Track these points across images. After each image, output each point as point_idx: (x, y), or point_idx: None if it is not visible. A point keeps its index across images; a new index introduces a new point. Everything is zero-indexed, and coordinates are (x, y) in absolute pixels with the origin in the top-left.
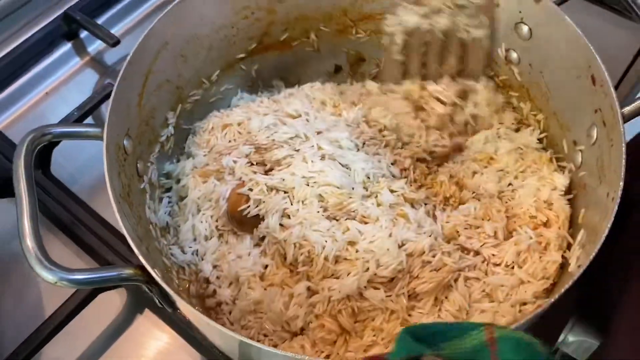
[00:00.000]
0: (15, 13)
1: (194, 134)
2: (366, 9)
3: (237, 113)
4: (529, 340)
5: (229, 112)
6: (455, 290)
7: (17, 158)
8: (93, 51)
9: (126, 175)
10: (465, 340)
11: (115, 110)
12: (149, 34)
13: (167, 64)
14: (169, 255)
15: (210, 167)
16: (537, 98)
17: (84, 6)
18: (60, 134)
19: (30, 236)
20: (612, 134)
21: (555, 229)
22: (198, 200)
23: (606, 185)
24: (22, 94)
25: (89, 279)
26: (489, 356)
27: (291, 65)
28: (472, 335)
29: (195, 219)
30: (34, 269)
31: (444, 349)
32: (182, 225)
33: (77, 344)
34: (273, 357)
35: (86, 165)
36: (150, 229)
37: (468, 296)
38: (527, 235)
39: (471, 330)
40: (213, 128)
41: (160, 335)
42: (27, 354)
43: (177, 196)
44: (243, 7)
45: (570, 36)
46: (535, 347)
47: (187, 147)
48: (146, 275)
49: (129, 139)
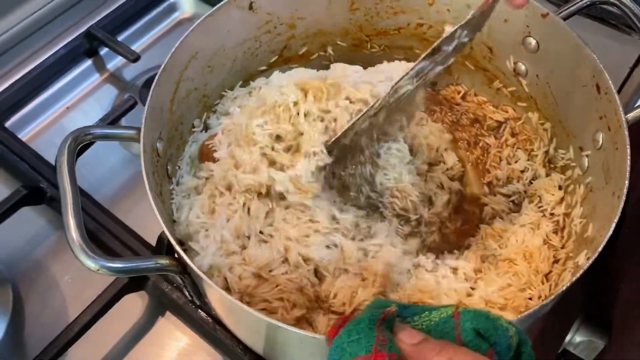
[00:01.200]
0: (40, 31)
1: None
2: (381, 25)
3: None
4: (494, 316)
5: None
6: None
7: (60, 156)
8: (112, 67)
9: (158, 175)
10: (433, 314)
11: (150, 114)
12: (181, 44)
13: (196, 73)
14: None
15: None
16: (545, 108)
17: (106, 24)
18: (100, 134)
19: (74, 228)
20: (617, 138)
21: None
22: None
23: (612, 186)
24: (45, 108)
25: (127, 268)
26: (453, 326)
27: None
28: (441, 310)
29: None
30: (78, 257)
31: (414, 321)
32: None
33: (100, 346)
34: (301, 341)
35: (106, 176)
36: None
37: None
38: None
39: (441, 308)
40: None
41: (182, 337)
42: (53, 355)
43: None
44: (266, 22)
45: (575, 48)
46: (497, 321)
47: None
48: (180, 266)
49: (161, 141)
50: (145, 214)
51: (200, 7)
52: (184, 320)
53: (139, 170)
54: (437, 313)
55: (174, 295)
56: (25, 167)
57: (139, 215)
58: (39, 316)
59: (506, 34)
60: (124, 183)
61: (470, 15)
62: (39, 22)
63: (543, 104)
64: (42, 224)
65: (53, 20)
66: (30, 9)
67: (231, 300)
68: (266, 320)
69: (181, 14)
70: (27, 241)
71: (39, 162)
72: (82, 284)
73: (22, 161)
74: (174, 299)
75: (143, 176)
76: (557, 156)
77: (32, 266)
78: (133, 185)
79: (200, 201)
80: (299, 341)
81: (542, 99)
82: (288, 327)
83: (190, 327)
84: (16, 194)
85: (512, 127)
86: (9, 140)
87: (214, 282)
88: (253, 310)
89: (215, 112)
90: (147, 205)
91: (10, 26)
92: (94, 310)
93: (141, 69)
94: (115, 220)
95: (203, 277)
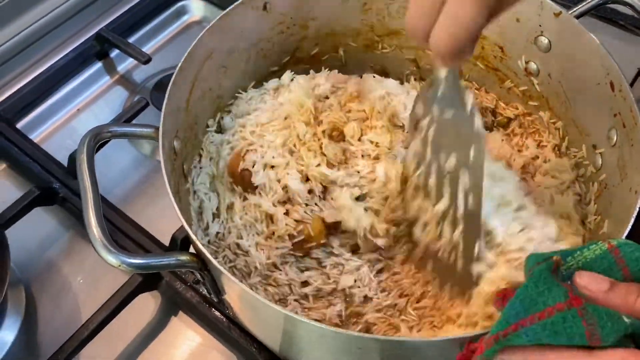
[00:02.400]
0: (50, 34)
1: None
2: (393, 25)
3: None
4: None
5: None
6: None
7: (79, 153)
8: (122, 70)
9: (176, 174)
10: (585, 252)
11: (167, 113)
12: (197, 44)
13: (211, 73)
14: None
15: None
16: (556, 107)
17: (116, 27)
18: (119, 132)
19: (95, 225)
20: (632, 135)
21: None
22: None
23: (628, 182)
24: (56, 110)
25: (148, 264)
26: (614, 261)
27: None
28: (592, 248)
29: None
30: (100, 253)
31: (568, 262)
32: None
33: (113, 346)
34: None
35: (117, 177)
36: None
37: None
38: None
39: (591, 245)
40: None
41: (195, 337)
42: (67, 355)
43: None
44: (279, 22)
45: (588, 46)
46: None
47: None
48: (200, 262)
49: (178, 140)
50: (157, 214)
51: (210, 10)
52: (198, 319)
53: (150, 170)
54: (590, 251)
55: (188, 294)
56: (37, 168)
57: (152, 215)
58: (51, 317)
59: (518, 33)
60: (135, 184)
61: None
62: (50, 25)
63: (555, 103)
64: (54, 224)
65: (63, 23)
66: (40, 12)
67: (252, 295)
68: (287, 314)
69: (190, 17)
70: (40, 242)
71: (51, 163)
72: (94, 285)
73: (34, 162)
74: (187, 298)
75: (163, 174)
76: (570, 154)
77: (45, 267)
78: (144, 185)
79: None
80: (320, 336)
81: (554, 98)
82: (309, 321)
83: (203, 326)
84: (29, 195)
85: (522, 122)
86: (21, 141)
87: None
88: (273, 304)
89: (229, 113)
90: (158, 205)
91: (21, 29)
92: (108, 310)
93: (151, 72)
94: (128, 220)
95: (224, 272)
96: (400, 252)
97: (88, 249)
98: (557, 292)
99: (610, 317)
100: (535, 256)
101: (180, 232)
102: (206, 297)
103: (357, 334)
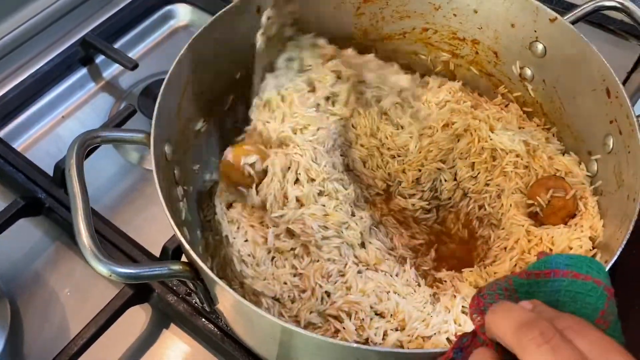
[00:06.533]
0: (34, 39)
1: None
2: (386, 30)
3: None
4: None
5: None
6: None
7: (69, 159)
8: (108, 76)
9: (166, 180)
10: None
11: (159, 118)
12: (189, 48)
13: (203, 77)
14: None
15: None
16: (551, 112)
17: (101, 32)
18: (109, 137)
19: (85, 233)
20: (629, 141)
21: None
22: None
23: (625, 189)
24: (40, 117)
25: (139, 274)
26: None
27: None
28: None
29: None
30: (90, 262)
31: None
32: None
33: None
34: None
35: (105, 186)
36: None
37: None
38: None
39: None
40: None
41: (186, 349)
42: None
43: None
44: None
45: (584, 52)
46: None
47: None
48: (193, 271)
49: (169, 145)
50: (146, 224)
51: (196, 14)
52: (190, 331)
53: (138, 179)
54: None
55: (180, 306)
56: (22, 177)
57: (140, 225)
58: (38, 331)
59: (513, 39)
60: (123, 193)
61: None
62: (33, 30)
63: (549, 109)
64: (40, 235)
65: (47, 28)
66: (23, 16)
67: (246, 305)
68: (282, 325)
69: (177, 22)
70: (25, 254)
71: (36, 173)
72: (82, 298)
73: (18, 172)
74: (180, 310)
75: (155, 180)
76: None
77: (31, 279)
78: (132, 194)
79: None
80: (316, 347)
81: (548, 104)
82: (306, 332)
83: (196, 338)
84: (13, 206)
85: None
86: (4, 150)
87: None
88: (268, 315)
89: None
90: (147, 214)
91: (4, 34)
92: (98, 324)
93: (137, 77)
94: (116, 230)
95: (217, 281)
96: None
97: (75, 260)
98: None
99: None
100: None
101: (171, 243)
102: (198, 309)
103: (355, 345)
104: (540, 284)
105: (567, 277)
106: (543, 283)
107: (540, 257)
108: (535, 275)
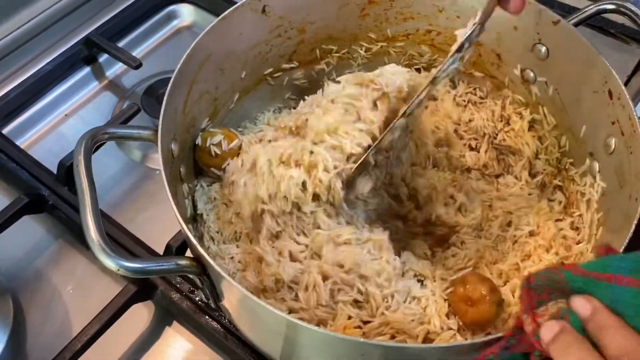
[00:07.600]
0: (38, 38)
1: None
2: (390, 31)
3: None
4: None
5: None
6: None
7: (77, 154)
8: (111, 75)
9: (172, 177)
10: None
11: (166, 115)
12: (195, 47)
13: (209, 75)
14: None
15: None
16: (553, 114)
17: (105, 31)
18: (117, 134)
19: (93, 228)
20: (631, 142)
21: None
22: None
23: (627, 189)
24: (44, 115)
25: (147, 268)
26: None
27: (314, 81)
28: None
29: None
30: (98, 257)
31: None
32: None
33: (105, 359)
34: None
35: (108, 183)
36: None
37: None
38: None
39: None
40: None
41: (189, 347)
42: None
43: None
44: (277, 26)
45: (587, 54)
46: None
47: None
48: (200, 266)
49: (175, 142)
50: (150, 222)
51: (200, 14)
52: (193, 329)
53: (141, 177)
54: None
55: (184, 304)
56: (25, 175)
57: (144, 223)
58: (41, 328)
59: (516, 41)
60: (126, 190)
61: (480, 14)
62: (37, 29)
63: (551, 111)
64: (42, 233)
65: (51, 27)
66: (27, 15)
67: (253, 300)
68: (289, 319)
69: (180, 21)
70: (28, 251)
71: (39, 170)
72: (85, 295)
73: (21, 169)
74: (183, 307)
75: (162, 177)
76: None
77: (34, 277)
78: (135, 192)
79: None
80: (322, 343)
81: (550, 106)
82: (312, 327)
83: (199, 336)
84: (17, 203)
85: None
86: (8, 147)
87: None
88: (275, 309)
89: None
90: (150, 212)
91: (8, 32)
92: (101, 321)
93: (141, 77)
94: (120, 228)
95: (225, 276)
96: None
97: (78, 258)
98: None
99: None
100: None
101: (175, 241)
102: (201, 307)
103: (362, 340)
104: (599, 286)
105: (632, 286)
106: (603, 287)
107: (600, 254)
108: (594, 277)
